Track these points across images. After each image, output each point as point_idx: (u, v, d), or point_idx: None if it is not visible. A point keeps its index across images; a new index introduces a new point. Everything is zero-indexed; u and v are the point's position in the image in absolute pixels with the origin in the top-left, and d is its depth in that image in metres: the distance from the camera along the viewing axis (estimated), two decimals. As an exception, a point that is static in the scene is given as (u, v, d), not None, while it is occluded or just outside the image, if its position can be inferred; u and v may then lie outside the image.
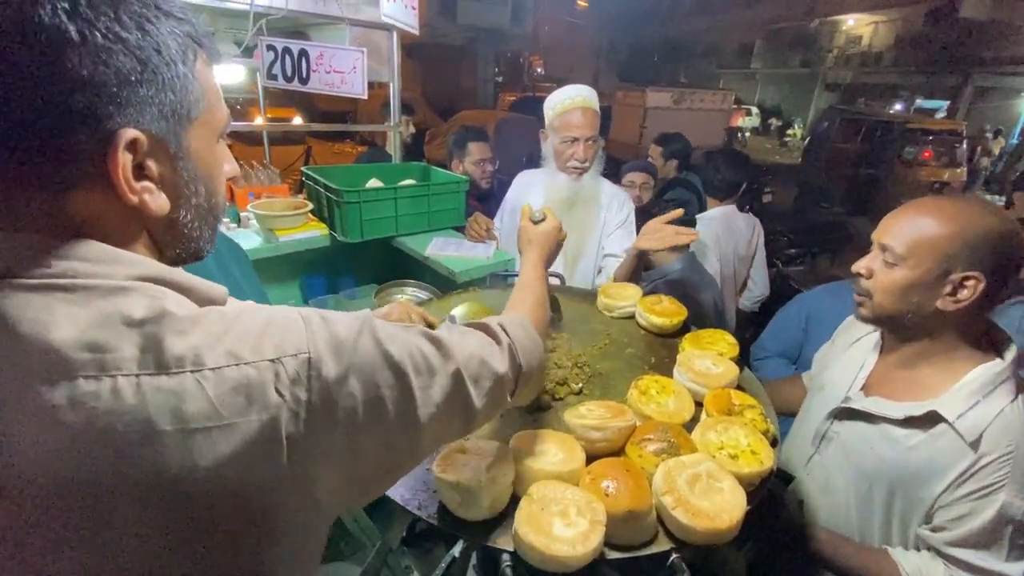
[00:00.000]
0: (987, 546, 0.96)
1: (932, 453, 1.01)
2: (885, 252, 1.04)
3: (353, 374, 0.52)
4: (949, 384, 1.02)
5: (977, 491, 0.95)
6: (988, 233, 0.96)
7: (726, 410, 1.04)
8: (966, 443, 0.96)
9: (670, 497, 0.79)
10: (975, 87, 16.09)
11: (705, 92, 11.48)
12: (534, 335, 0.80)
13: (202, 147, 0.55)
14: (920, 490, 1.03)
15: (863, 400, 1.13)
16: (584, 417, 0.96)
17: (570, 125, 1.93)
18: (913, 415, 1.03)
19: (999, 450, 0.94)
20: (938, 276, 0.98)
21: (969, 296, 0.97)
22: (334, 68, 2.12)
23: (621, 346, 1.39)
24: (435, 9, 15.06)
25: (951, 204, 1.01)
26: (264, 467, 0.47)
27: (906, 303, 1.03)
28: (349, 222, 1.99)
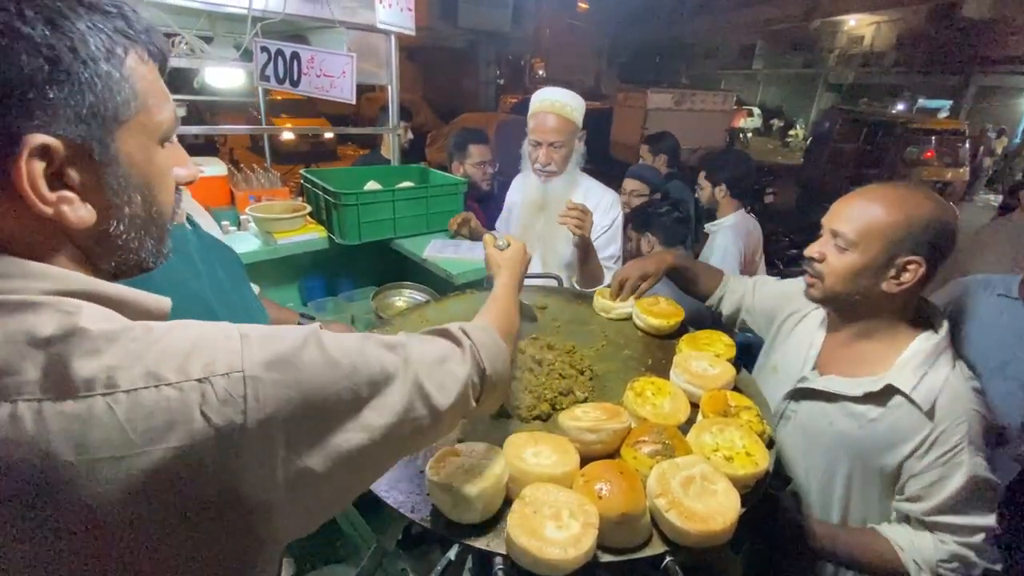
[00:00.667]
0: (965, 507, 1.04)
1: (891, 424, 1.09)
2: (837, 238, 1.11)
3: (297, 391, 0.47)
4: (892, 357, 1.11)
5: (942, 456, 1.04)
6: (929, 220, 1.04)
7: (722, 412, 1.03)
8: (922, 412, 1.05)
9: (664, 499, 0.79)
10: (977, 87, 16.04)
11: (706, 93, 11.48)
12: (498, 339, 0.78)
13: (136, 152, 0.50)
14: (880, 460, 1.11)
15: (819, 380, 1.19)
16: (579, 419, 0.95)
17: (536, 128, 1.94)
18: (871, 391, 1.10)
19: (952, 415, 1.04)
20: (885, 261, 1.07)
21: (911, 279, 1.06)
22: (324, 72, 2.12)
23: (618, 348, 1.39)
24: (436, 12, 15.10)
25: (897, 192, 1.09)
26: (187, 500, 0.42)
27: (855, 286, 1.11)
28: (347, 224, 1.99)
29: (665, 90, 10.73)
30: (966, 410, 1.04)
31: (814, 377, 1.21)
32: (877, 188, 1.12)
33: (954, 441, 1.03)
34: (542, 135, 1.94)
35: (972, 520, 1.04)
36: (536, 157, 1.97)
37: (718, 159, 2.86)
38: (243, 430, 0.44)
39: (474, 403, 0.71)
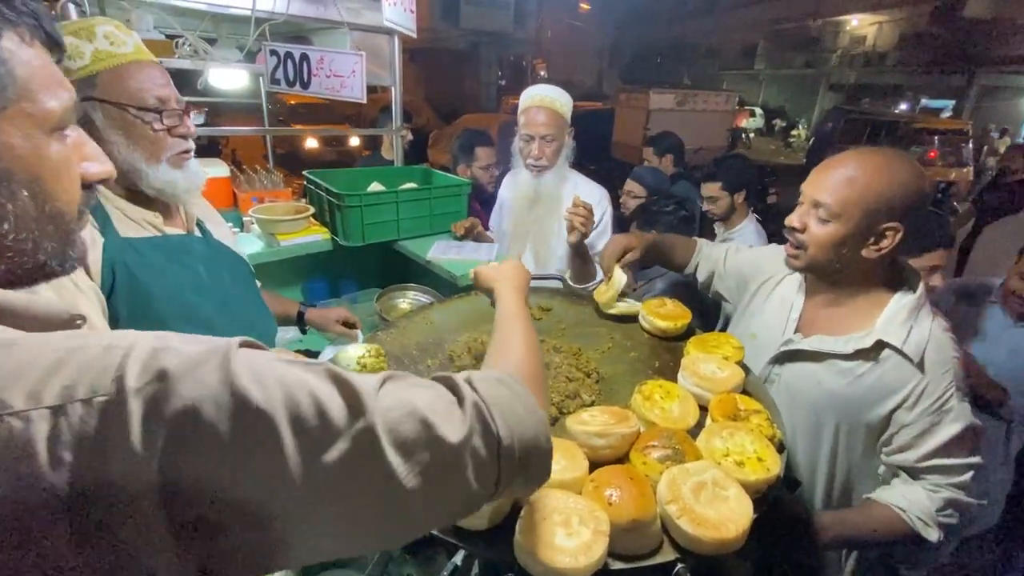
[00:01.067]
0: (955, 449, 1.10)
1: (880, 377, 1.13)
2: (818, 208, 1.13)
3: (174, 426, 0.36)
4: (874, 315, 1.16)
5: (933, 404, 1.09)
6: (906, 187, 1.07)
7: (732, 415, 1.02)
8: (913, 364, 1.10)
9: (675, 506, 0.78)
10: (980, 86, 16.00)
11: (709, 93, 11.46)
12: (524, 394, 0.56)
13: (18, 143, 0.45)
14: (868, 414, 1.15)
15: (806, 340, 1.22)
16: (587, 423, 0.94)
17: (528, 123, 1.99)
18: (862, 347, 1.13)
19: (940, 364, 1.10)
20: (865, 229, 1.10)
21: (890, 244, 1.10)
22: (334, 72, 2.12)
23: (624, 350, 1.37)
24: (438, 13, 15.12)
25: (875, 159, 1.11)
26: (28, 565, 0.33)
27: (837, 254, 1.14)
28: (351, 226, 1.98)
29: (667, 90, 10.71)
30: (950, 359, 1.10)
31: (798, 339, 1.24)
32: (855, 155, 1.13)
33: (943, 389, 1.09)
34: (534, 129, 1.97)
35: (962, 460, 1.10)
36: (528, 152, 2.01)
37: (730, 166, 2.79)
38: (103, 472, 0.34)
39: (492, 487, 0.51)
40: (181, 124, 1.12)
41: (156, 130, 1.07)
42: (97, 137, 1.01)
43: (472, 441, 0.48)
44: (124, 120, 1.04)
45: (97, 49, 1.02)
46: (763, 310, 1.39)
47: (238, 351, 0.41)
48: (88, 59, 1.01)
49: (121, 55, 1.04)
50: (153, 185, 1.09)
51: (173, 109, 1.10)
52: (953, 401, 1.09)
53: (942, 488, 1.11)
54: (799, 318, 1.28)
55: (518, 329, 0.78)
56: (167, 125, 1.09)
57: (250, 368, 0.40)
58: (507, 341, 0.75)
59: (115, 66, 1.03)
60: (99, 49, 1.02)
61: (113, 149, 1.04)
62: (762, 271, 1.45)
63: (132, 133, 1.05)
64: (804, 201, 1.18)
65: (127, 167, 1.07)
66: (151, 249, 1.12)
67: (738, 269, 1.53)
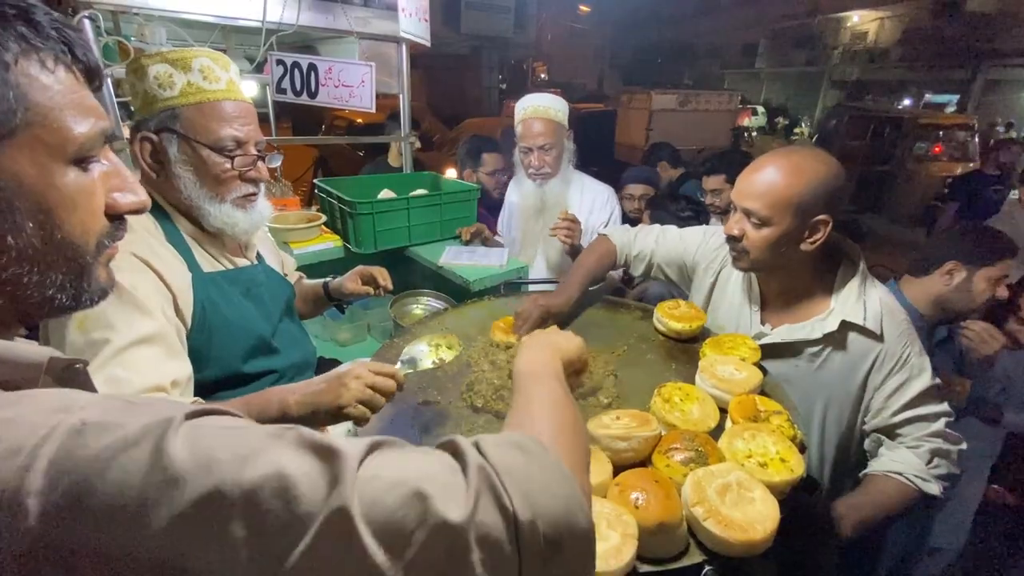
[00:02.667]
0: (925, 399, 1.21)
1: (847, 353, 1.24)
2: (750, 216, 1.20)
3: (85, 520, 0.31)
4: (827, 295, 1.26)
5: (896, 364, 1.20)
6: (826, 179, 1.15)
7: (752, 417, 1.02)
8: (875, 335, 1.21)
9: (701, 508, 0.78)
10: (985, 80, 15.90)
11: (711, 93, 11.44)
12: (548, 459, 0.44)
13: (27, 172, 0.43)
14: (846, 386, 1.25)
15: (776, 332, 1.31)
16: (609, 427, 0.94)
17: (525, 134, 2.02)
18: (828, 331, 1.22)
19: (895, 328, 1.21)
20: (799, 225, 1.17)
21: (823, 235, 1.18)
22: (343, 82, 2.14)
23: (640, 352, 1.38)
24: (439, 19, 15.17)
25: (791, 159, 1.18)
26: None
27: (776, 253, 1.21)
28: (363, 233, 1.99)
29: (669, 91, 10.69)
30: (902, 319, 1.23)
31: (768, 330, 1.33)
32: (771, 159, 1.20)
33: (902, 349, 1.21)
34: (531, 140, 2.01)
35: (932, 408, 1.21)
36: (529, 162, 2.05)
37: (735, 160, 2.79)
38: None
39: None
40: (253, 168, 1.11)
41: (226, 171, 1.06)
42: (167, 168, 1.03)
43: (478, 517, 0.37)
44: (197, 158, 1.04)
45: (189, 82, 1.02)
46: (724, 302, 1.46)
47: (181, 426, 0.35)
48: (177, 91, 1.01)
49: (211, 91, 1.04)
50: (213, 224, 1.09)
51: (249, 153, 1.09)
52: (914, 358, 1.21)
53: (922, 442, 1.20)
54: (760, 310, 1.37)
55: (542, 388, 0.63)
56: (238, 169, 1.08)
57: (193, 448, 0.34)
58: (527, 401, 0.61)
59: (200, 102, 1.03)
60: (191, 82, 1.02)
61: (180, 183, 1.04)
62: (709, 261, 1.51)
63: (202, 171, 1.05)
64: (736, 209, 1.25)
65: (191, 203, 1.07)
66: (228, 283, 1.13)
67: (676, 256, 1.59)
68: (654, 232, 1.66)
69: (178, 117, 1.02)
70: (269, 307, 1.23)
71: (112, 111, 1.69)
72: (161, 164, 1.04)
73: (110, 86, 1.67)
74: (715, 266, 1.49)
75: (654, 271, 1.66)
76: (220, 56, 1.07)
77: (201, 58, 1.03)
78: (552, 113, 2.00)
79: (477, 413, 1.11)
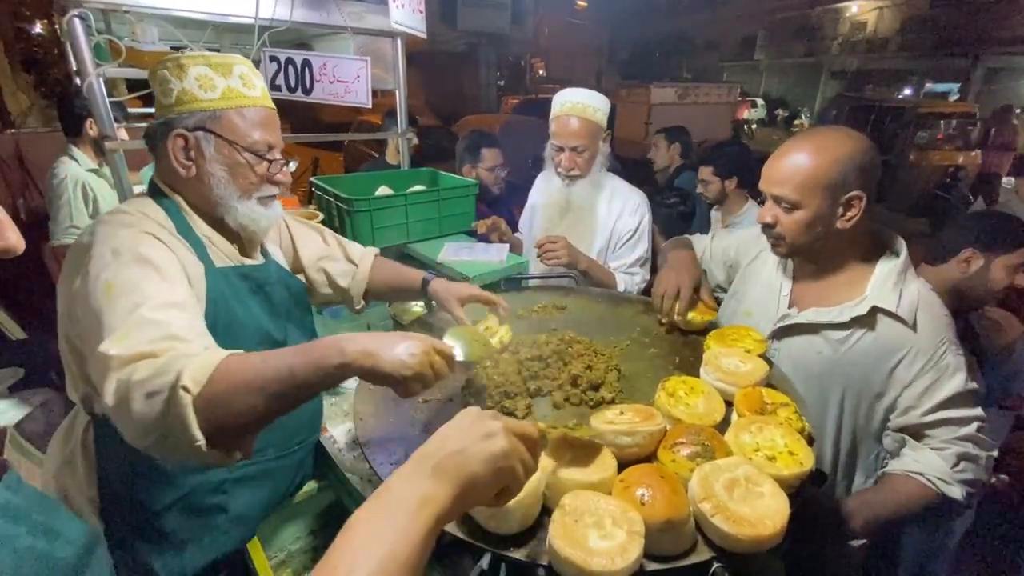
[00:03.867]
0: (958, 402, 1.14)
1: (875, 340, 1.19)
2: (780, 202, 1.19)
3: None
4: (863, 282, 1.22)
5: (929, 361, 1.14)
6: (854, 155, 1.13)
7: (758, 409, 1.00)
8: (907, 325, 1.15)
9: (708, 504, 0.76)
10: (985, 68, 15.79)
11: (710, 86, 11.38)
12: None
13: None
14: (869, 377, 1.20)
15: (800, 314, 1.27)
16: (613, 422, 0.93)
17: (558, 132, 1.92)
18: (857, 314, 1.18)
19: (932, 322, 1.16)
20: (831, 204, 1.15)
21: (858, 212, 1.16)
22: (338, 78, 2.10)
23: (643, 346, 1.36)
24: (436, 16, 15.11)
25: (816, 138, 1.17)
26: None
27: (813, 234, 1.19)
28: (361, 231, 1.97)
29: (668, 84, 10.65)
30: (941, 315, 1.18)
31: (795, 313, 1.29)
32: (796, 141, 1.19)
33: (937, 345, 1.15)
34: (564, 139, 1.90)
35: (965, 412, 1.15)
36: (559, 161, 1.95)
37: (725, 152, 2.83)
38: None
39: None
40: (280, 172, 1.16)
41: (257, 173, 1.11)
42: (200, 165, 1.06)
43: None
44: (233, 158, 1.08)
45: (230, 87, 1.06)
46: (754, 289, 1.43)
47: None
48: (219, 94, 1.05)
49: (250, 98, 1.08)
50: (239, 220, 1.12)
51: (277, 158, 1.14)
52: (949, 357, 1.15)
53: (950, 445, 1.14)
54: (790, 293, 1.34)
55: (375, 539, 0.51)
56: (269, 172, 1.13)
57: None
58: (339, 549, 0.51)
59: (241, 107, 1.07)
60: (231, 87, 1.06)
61: (211, 180, 1.08)
62: (746, 251, 1.50)
63: (235, 171, 1.09)
64: (766, 198, 1.24)
65: (219, 200, 1.09)
66: (239, 279, 1.15)
67: (724, 255, 1.58)
68: (706, 237, 1.67)
69: (218, 119, 1.06)
70: (277, 306, 1.23)
71: (104, 111, 1.66)
72: (192, 161, 1.07)
73: (101, 85, 1.65)
74: (751, 254, 1.48)
75: (707, 277, 1.61)
76: (253, 67, 1.12)
77: (241, 66, 1.08)
78: (591, 112, 1.90)
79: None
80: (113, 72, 1.70)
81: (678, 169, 3.69)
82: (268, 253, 1.31)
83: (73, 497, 1.14)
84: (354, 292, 1.47)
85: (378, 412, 1.09)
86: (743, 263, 1.51)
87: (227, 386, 0.76)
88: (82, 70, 1.63)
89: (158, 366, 0.76)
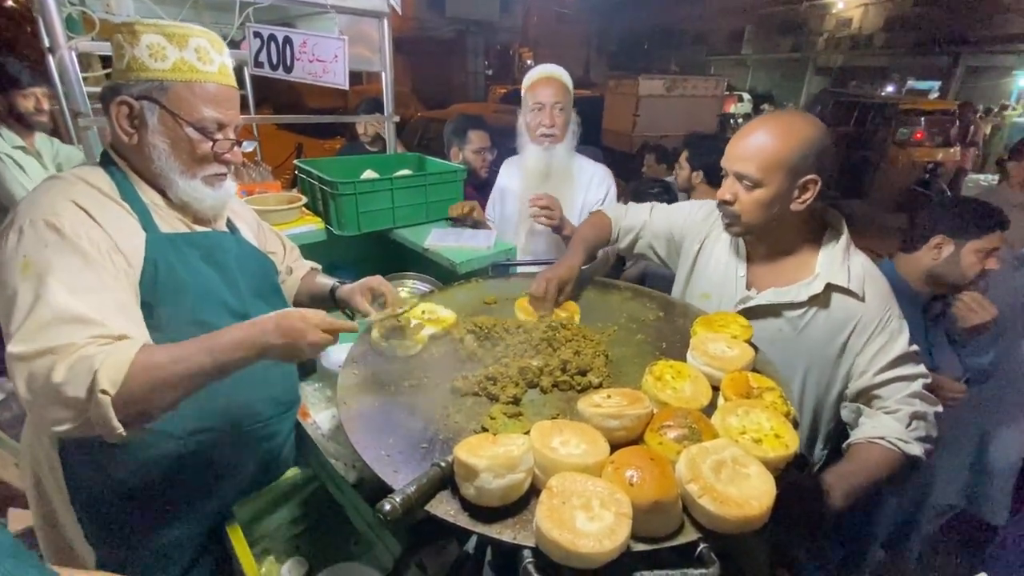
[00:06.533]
0: (905, 361, 1.23)
1: (829, 316, 1.26)
2: (742, 180, 1.23)
3: None
4: (813, 260, 1.29)
5: (877, 326, 1.23)
6: (814, 139, 1.17)
7: (745, 393, 1.01)
8: (858, 298, 1.23)
9: (696, 485, 0.76)
10: (966, 67, 16.08)
11: (698, 79, 11.40)
12: None
13: None
14: (826, 349, 1.27)
15: (761, 295, 1.32)
16: (600, 406, 0.92)
17: (537, 92, 2.02)
18: (815, 293, 1.25)
19: (877, 292, 1.24)
20: (789, 186, 1.20)
21: (812, 195, 1.21)
22: (316, 57, 2.05)
23: (631, 332, 1.36)
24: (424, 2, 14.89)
25: (780, 121, 1.20)
26: None
27: (769, 214, 1.24)
28: (345, 215, 1.94)
29: (656, 76, 10.64)
30: (883, 284, 1.26)
31: (754, 294, 1.34)
32: (760, 123, 1.23)
33: (883, 311, 1.23)
34: (545, 97, 2.01)
35: (912, 370, 1.23)
36: (541, 121, 2.02)
37: (700, 144, 2.87)
38: None
39: None
40: (229, 151, 1.12)
41: (200, 151, 1.08)
42: (142, 135, 1.04)
43: None
44: (176, 132, 1.05)
45: (183, 59, 1.02)
46: (708, 269, 1.47)
47: None
48: (169, 65, 1.02)
49: (203, 72, 1.05)
50: (181, 197, 1.10)
51: (228, 137, 1.11)
52: (895, 322, 1.24)
53: (901, 406, 1.21)
54: (746, 275, 1.38)
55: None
56: (216, 151, 1.09)
57: None
58: None
59: (191, 81, 1.03)
60: (184, 59, 1.03)
61: (152, 152, 1.05)
62: (695, 232, 1.52)
63: (178, 146, 1.06)
64: (727, 175, 1.27)
65: (159, 172, 1.07)
66: (187, 246, 1.12)
67: (665, 231, 1.61)
68: (645, 208, 1.67)
69: (166, 90, 1.03)
70: (236, 276, 1.19)
71: (77, 86, 1.60)
72: (135, 129, 1.05)
73: (74, 59, 1.58)
74: (701, 235, 1.51)
75: (641, 246, 1.66)
76: (217, 40, 1.08)
77: (199, 38, 1.05)
78: (565, 79, 2.03)
79: (463, 396, 1.08)
80: (86, 46, 1.63)
81: None
82: (235, 228, 1.28)
83: (43, 462, 1.14)
84: None
85: (362, 397, 1.07)
86: (688, 243, 1.54)
87: (141, 385, 0.85)
88: (53, 43, 1.56)
89: (73, 368, 0.82)
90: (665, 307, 1.49)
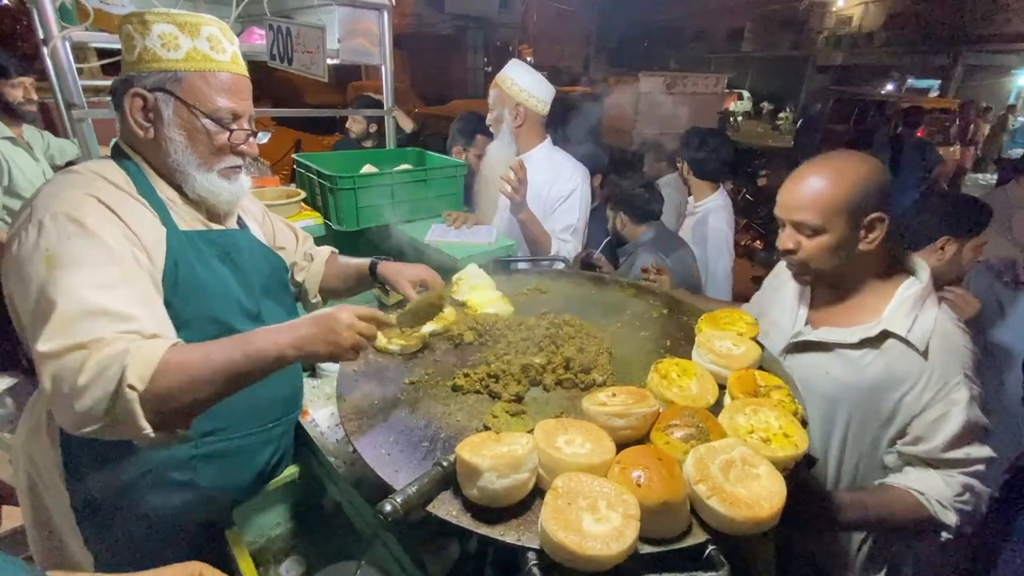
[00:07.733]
0: (964, 441, 1.10)
1: (886, 366, 1.15)
2: (801, 228, 1.16)
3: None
4: (882, 306, 1.18)
5: (940, 392, 1.10)
6: (869, 178, 1.11)
7: (752, 392, 0.99)
8: (918, 352, 1.11)
9: (704, 485, 0.74)
10: (966, 65, 16.05)
11: (698, 76, 11.31)
12: None
13: None
14: (878, 402, 1.16)
15: (814, 332, 1.25)
16: (605, 404, 0.90)
17: None
18: (868, 336, 1.16)
19: (946, 353, 1.11)
20: (853, 228, 1.13)
21: (880, 233, 1.13)
22: (306, 48, 2.02)
23: (634, 329, 1.34)
24: (423, -2, 14.81)
25: (831, 163, 1.15)
26: None
27: (836, 259, 1.16)
28: (344, 210, 1.92)
29: (657, 73, 10.56)
30: (958, 347, 1.12)
31: (808, 331, 1.26)
32: (810, 168, 1.16)
33: (950, 377, 1.10)
34: None
35: (972, 452, 1.11)
36: None
37: (689, 137, 2.81)
38: None
39: None
40: (245, 142, 1.10)
41: (217, 142, 1.05)
42: (158, 128, 1.01)
43: None
44: (192, 124, 1.03)
45: (195, 48, 1.00)
46: (772, 308, 1.40)
47: None
48: (182, 55, 0.99)
49: (216, 61, 1.02)
50: (197, 190, 1.07)
51: (243, 127, 1.08)
52: (962, 391, 1.09)
53: (956, 476, 1.11)
54: (807, 314, 1.30)
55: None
56: (232, 141, 1.07)
57: None
58: None
59: (205, 70, 1.01)
60: (197, 49, 1.00)
61: (170, 146, 1.03)
62: (777, 273, 1.46)
63: (195, 138, 1.04)
64: (785, 224, 1.20)
65: (177, 166, 1.05)
66: (205, 244, 1.10)
67: None
68: None
69: (180, 81, 1.01)
70: (249, 275, 1.17)
71: (71, 77, 1.57)
72: (151, 123, 1.02)
73: (67, 50, 1.56)
74: (780, 277, 1.43)
75: None
76: (227, 28, 1.06)
77: (211, 27, 1.03)
78: (503, 82, 2.05)
79: (465, 393, 1.06)
80: (80, 36, 1.60)
81: None
82: (246, 226, 1.26)
83: (40, 463, 1.11)
84: (308, 286, 1.45)
85: (362, 394, 1.05)
86: (768, 284, 1.49)
87: (171, 382, 0.82)
88: (47, 33, 1.54)
89: (101, 363, 0.78)
90: (669, 304, 1.47)
